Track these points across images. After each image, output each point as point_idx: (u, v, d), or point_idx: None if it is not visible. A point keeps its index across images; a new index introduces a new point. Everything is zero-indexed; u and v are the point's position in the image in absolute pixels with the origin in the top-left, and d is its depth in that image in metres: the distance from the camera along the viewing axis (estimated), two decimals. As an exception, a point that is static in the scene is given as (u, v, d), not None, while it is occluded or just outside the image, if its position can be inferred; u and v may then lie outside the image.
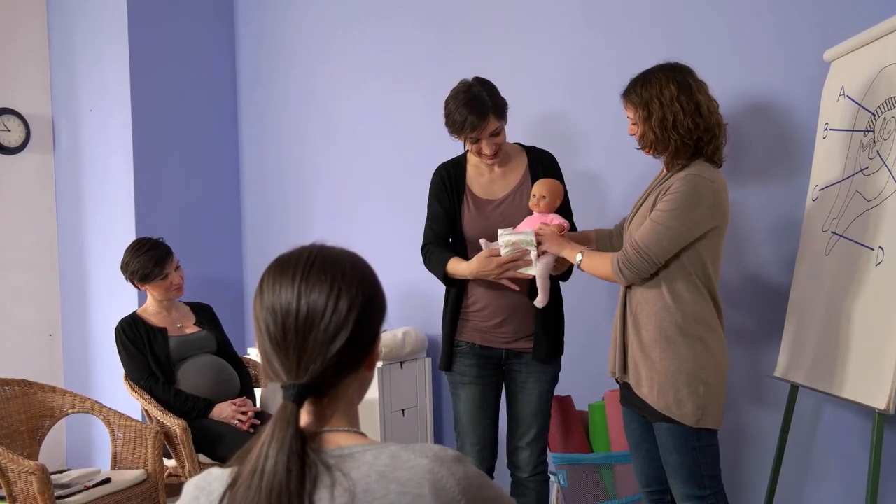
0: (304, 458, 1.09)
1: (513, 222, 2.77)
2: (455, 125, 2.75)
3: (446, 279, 2.84)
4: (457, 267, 2.79)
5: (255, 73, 4.83)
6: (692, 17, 3.17)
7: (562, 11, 3.53)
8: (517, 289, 2.73)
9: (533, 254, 2.65)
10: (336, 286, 1.15)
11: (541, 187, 2.75)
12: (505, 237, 2.67)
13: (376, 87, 4.23)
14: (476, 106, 2.70)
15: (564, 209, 2.85)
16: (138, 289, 3.67)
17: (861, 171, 2.49)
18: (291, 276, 1.16)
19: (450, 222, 2.88)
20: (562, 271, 2.78)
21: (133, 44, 4.40)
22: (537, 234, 2.65)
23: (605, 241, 2.80)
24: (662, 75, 2.40)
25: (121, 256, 3.64)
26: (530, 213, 2.77)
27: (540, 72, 3.60)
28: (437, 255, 2.86)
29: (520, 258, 2.66)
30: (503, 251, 2.67)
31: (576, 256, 2.57)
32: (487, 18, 3.78)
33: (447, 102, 2.79)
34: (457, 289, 2.86)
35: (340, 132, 4.41)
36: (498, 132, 2.77)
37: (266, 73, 4.77)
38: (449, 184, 2.88)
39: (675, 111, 2.34)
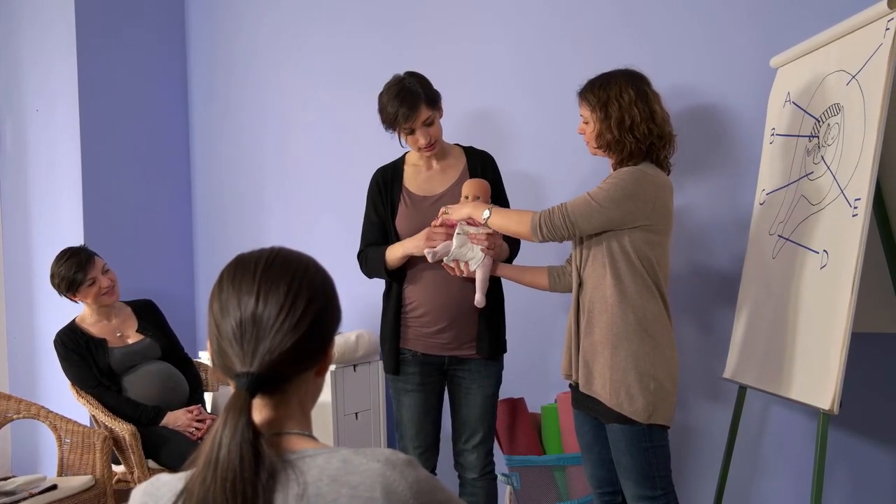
0: (257, 446, 1.08)
1: None
2: (388, 118, 2.77)
3: (388, 271, 2.81)
4: (394, 250, 2.78)
5: (207, 79, 4.78)
6: (642, 23, 3.20)
7: (512, 14, 3.54)
8: (458, 273, 2.70)
9: (473, 248, 2.65)
10: (296, 284, 1.17)
11: (473, 187, 2.75)
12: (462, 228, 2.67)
13: (328, 95, 4.22)
14: (407, 97, 2.72)
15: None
16: (73, 301, 3.57)
17: (806, 175, 2.54)
18: (252, 273, 1.17)
19: (384, 231, 2.88)
20: (504, 258, 2.79)
21: (81, 44, 4.33)
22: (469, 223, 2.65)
23: (556, 277, 2.74)
24: (622, 79, 2.44)
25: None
26: None
27: (491, 72, 3.61)
28: (373, 252, 2.86)
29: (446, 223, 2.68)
30: (456, 240, 2.66)
31: (482, 213, 2.59)
32: (435, 22, 3.79)
33: (380, 98, 2.80)
34: (396, 292, 2.85)
35: (294, 139, 4.39)
36: (431, 122, 2.77)
37: (218, 78, 4.72)
38: (384, 188, 2.89)
39: (632, 115, 2.39)
